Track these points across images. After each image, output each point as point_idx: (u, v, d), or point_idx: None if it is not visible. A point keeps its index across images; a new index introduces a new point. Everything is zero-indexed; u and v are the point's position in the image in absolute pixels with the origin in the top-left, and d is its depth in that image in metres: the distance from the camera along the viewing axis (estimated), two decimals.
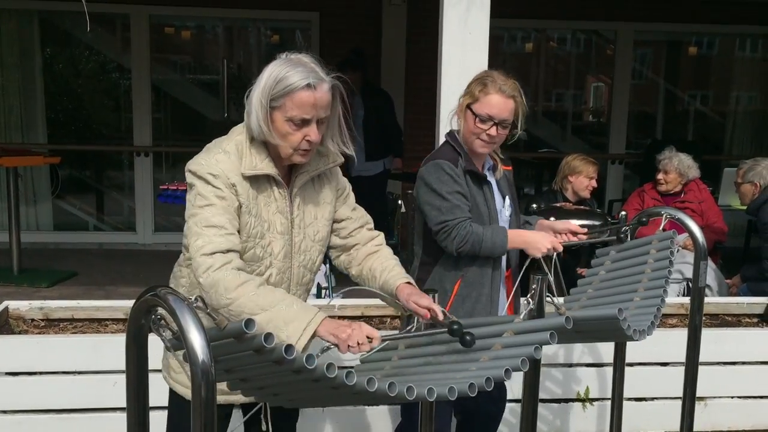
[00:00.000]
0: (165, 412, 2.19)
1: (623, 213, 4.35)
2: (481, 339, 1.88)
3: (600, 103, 8.70)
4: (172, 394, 2.16)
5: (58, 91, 7.65)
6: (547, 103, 8.63)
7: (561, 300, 2.50)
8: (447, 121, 2.71)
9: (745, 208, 4.88)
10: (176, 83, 7.65)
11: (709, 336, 3.23)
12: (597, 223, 4.14)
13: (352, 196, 2.25)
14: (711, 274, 4.66)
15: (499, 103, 2.50)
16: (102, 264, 6.62)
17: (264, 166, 1.97)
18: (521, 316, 2.01)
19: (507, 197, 2.70)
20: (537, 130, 8.43)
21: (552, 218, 4.08)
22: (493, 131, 2.51)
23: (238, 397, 2.12)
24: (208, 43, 7.99)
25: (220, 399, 2.07)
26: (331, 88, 1.97)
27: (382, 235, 2.29)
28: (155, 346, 1.57)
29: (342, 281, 5.30)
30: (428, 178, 2.55)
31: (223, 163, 1.93)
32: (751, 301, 3.96)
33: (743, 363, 3.55)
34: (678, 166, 4.95)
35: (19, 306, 3.43)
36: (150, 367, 1.50)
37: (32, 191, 7.36)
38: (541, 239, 2.51)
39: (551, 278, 2.40)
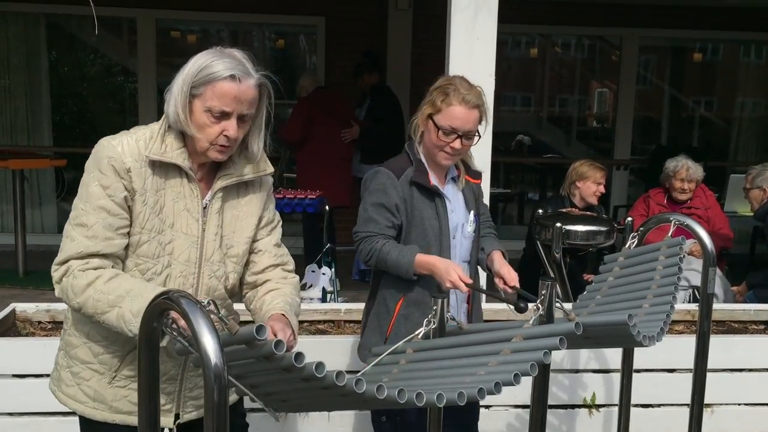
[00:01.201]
0: None
1: (629, 219, 4.38)
2: (490, 344, 1.88)
3: (605, 108, 8.70)
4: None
5: (64, 94, 7.68)
6: (551, 109, 8.64)
7: (569, 306, 2.50)
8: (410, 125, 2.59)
9: (752, 214, 4.87)
10: None
11: (716, 343, 3.22)
12: (603, 229, 4.14)
13: (279, 230, 2.10)
14: (717, 281, 4.64)
15: (463, 114, 2.37)
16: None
17: (174, 155, 1.84)
18: (530, 322, 2.00)
19: (472, 212, 2.57)
20: (541, 136, 8.45)
21: (559, 224, 4.07)
22: (457, 144, 2.39)
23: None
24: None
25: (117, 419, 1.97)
26: (259, 86, 1.85)
27: (291, 276, 2.09)
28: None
29: (346, 285, 5.31)
30: (366, 182, 2.50)
31: (125, 146, 1.83)
32: (758, 308, 3.95)
33: (750, 370, 3.54)
34: (695, 174, 4.96)
35: (26, 308, 3.43)
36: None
37: (38, 194, 7.39)
38: (447, 274, 2.29)
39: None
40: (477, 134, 2.45)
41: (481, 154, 3.48)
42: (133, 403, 1.88)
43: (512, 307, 2.16)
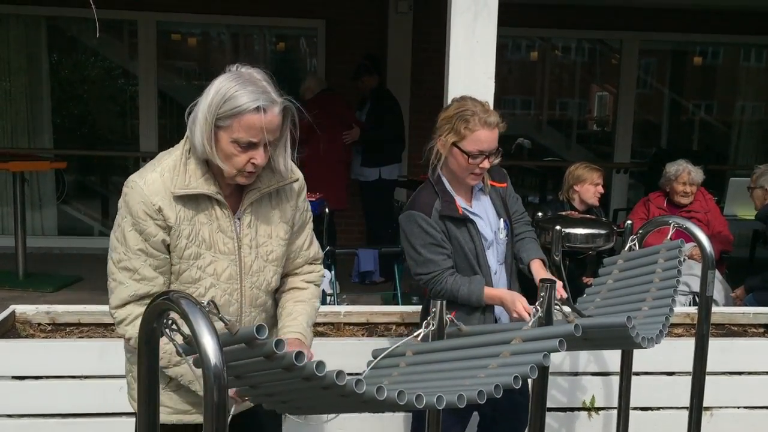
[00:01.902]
0: None
1: (629, 222, 4.37)
2: (490, 346, 1.89)
3: (605, 112, 8.71)
4: None
5: (65, 97, 7.68)
6: (551, 112, 8.65)
7: (568, 308, 2.50)
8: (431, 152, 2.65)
9: (752, 217, 4.88)
10: (182, 89, 7.69)
11: (715, 346, 3.22)
12: (603, 232, 4.14)
13: (309, 230, 2.17)
14: (717, 285, 4.66)
15: (488, 136, 2.48)
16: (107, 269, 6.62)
17: (198, 184, 1.87)
18: (530, 324, 2.01)
19: (502, 219, 2.69)
20: (541, 139, 8.45)
21: (559, 227, 4.08)
22: (485, 164, 2.53)
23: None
24: (215, 50, 8.03)
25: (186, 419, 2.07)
26: (283, 110, 1.86)
27: (318, 273, 2.19)
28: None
29: (346, 288, 5.32)
30: (404, 227, 2.59)
31: (151, 185, 1.85)
32: (757, 311, 3.95)
33: (749, 373, 3.54)
34: (696, 178, 4.97)
35: (25, 310, 3.43)
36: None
37: (38, 196, 7.39)
38: (514, 306, 2.48)
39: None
40: (499, 149, 2.55)
41: None
42: (187, 402, 2.03)
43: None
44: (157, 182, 1.86)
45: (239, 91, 1.78)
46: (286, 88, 1.96)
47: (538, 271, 2.66)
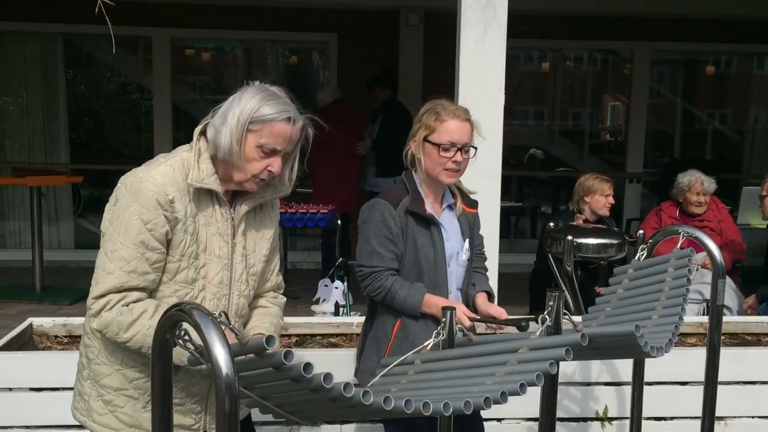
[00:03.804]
0: None
1: (641, 232, 4.38)
2: (497, 355, 1.90)
3: (617, 122, 8.71)
4: None
5: (81, 112, 7.78)
6: (563, 122, 8.65)
7: (579, 318, 2.51)
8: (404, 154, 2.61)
9: (765, 225, 4.86)
10: (196, 103, 7.77)
11: (728, 355, 3.22)
12: (614, 241, 4.15)
13: (278, 253, 2.21)
14: (731, 294, 4.64)
15: (458, 127, 2.43)
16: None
17: (211, 181, 1.93)
18: (537, 333, 2.02)
19: (467, 240, 2.58)
20: (554, 149, 8.45)
21: (570, 237, 4.08)
22: (458, 157, 2.43)
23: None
24: (228, 64, 8.11)
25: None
26: (301, 128, 1.97)
27: (284, 300, 2.23)
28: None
29: (360, 299, 5.33)
30: (363, 215, 2.50)
31: (164, 176, 1.89)
32: None
33: (763, 382, 3.52)
34: (709, 187, 4.97)
35: (42, 323, 3.48)
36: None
37: (55, 210, 7.47)
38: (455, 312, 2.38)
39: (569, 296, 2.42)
40: (473, 147, 2.49)
41: (492, 167, 3.52)
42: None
43: (515, 328, 2.25)
44: (170, 175, 1.90)
45: (272, 101, 1.90)
46: (300, 101, 2.02)
47: (484, 302, 2.55)
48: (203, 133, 1.96)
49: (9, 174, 6.49)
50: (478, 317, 2.42)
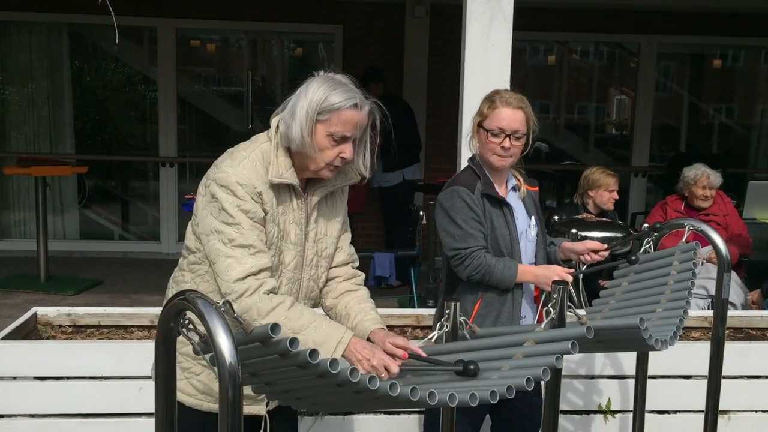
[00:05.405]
0: None
1: (646, 225, 4.36)
2: (503, 348, 1.90)
3: (623, 115, 8.68)
4: None
5: (86, 103, 7.79)
6: (569, 116, 8.62)
7: (583, 311, 2.51)
8: (467, 139, 2.75)
9: None
10: (201, 95, 7.76)
11: (732, 349, 3.21)
12: (619, 235, 4.14)
13: (349, 230, 2.28)
14: (736, 289, 4.62)
15: (508, 115, 2.57)
16: (127, 273, 6.71)
17: (289, 175, 2.01)
18: (542, 326, 2.02)
19: (533, 217, 2.73)
20: (559, 143, 8.43)
21: (575, 230, 4.10)
22: (506, 143, 2.57)
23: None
24: (233, 56, 8.10)
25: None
26: (369, 113, 2.03)
27: (363, 276, 2.31)
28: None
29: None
30: (444, 204, 2.61)
31: (249, 170, 1.96)
32: None
33: (767, 377, 3.52)
34: (715, 181, 4.95)
35: (47, 312, 3.49)
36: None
37: (60, 200, 7.49)
38: (550, 274, 2.53)
39: (572, 289, 2.42)
40: (525, 136, 2.62)
41: None
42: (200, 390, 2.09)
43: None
44: (253, 170, 1.98)
45: (337, 90, 1.97)
46: None
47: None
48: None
49: (14, 164, 6.50)
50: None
